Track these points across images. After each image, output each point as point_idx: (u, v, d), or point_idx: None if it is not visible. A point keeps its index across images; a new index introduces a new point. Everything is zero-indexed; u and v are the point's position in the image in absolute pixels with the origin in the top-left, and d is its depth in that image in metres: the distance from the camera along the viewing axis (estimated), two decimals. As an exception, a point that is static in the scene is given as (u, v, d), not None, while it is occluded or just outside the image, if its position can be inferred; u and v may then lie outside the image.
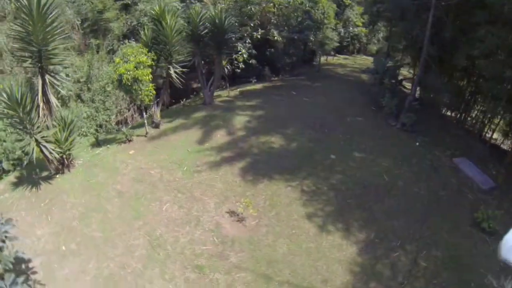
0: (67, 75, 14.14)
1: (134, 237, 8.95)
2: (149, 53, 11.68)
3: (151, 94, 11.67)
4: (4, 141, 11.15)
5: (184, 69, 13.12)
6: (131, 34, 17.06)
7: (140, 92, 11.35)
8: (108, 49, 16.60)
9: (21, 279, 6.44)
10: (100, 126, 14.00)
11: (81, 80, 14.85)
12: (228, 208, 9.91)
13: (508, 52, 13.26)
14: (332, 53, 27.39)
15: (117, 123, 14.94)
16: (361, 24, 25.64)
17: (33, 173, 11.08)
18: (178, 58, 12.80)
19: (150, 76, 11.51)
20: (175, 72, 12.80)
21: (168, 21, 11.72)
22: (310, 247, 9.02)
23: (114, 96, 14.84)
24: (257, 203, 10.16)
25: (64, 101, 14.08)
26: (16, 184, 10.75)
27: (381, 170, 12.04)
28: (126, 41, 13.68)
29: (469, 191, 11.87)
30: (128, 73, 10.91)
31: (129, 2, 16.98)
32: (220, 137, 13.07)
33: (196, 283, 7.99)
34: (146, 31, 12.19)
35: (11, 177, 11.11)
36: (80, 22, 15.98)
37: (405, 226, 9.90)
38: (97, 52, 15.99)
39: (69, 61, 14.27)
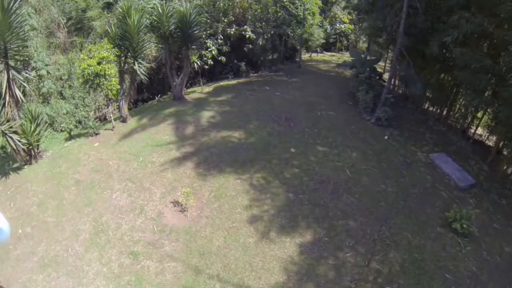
0: (48, 73, 14.96)
1: (82, 222, 9.42)
2: (113, 49, 12.10)
3: (114, 88, 12.08)
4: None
5: (150, 64, 13.44)
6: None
7: (103, 86, 11.78)
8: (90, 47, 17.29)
9: None
10: (80, 122, 14.60)
11: (63, 77, 15.57)
12: (172, 198, 10.10)
13: (485, 39, 12.59)
14: (319, 50, 26.88)
15: (96, 119, 15.52)
16: (347, 21, 25.02)
17: (6, 165, 11.86)
18: (144, 54, 13.13)
19: (113, 71, 11.92)
20: (141, 67, 13.12)
21: (133, 18, 12.06)
22: (249, 242, 8.89)
23: (93, 93, 15.44)
24: (202, 194, 10.27)
25: (45, 98, 14.86)
26: (-13, 175, 11.54)
27: (344, 165, 11.60)
28: (105, 39, 14.25)
29: (444, 188, 11.20)
30: (90, 68, 11.37)
31: (112, 1, 17.56)
32: (183, 131, 13.24)
33: (128, 268, 8.29)
34: (113, 27, 12.62)
35: (-16, 169, 11.93)
36: (65, 21, 16.76)
37: (362, 226, 9.42)
38: (81, 50, 16.71)
39: (48, 59, 14.98)
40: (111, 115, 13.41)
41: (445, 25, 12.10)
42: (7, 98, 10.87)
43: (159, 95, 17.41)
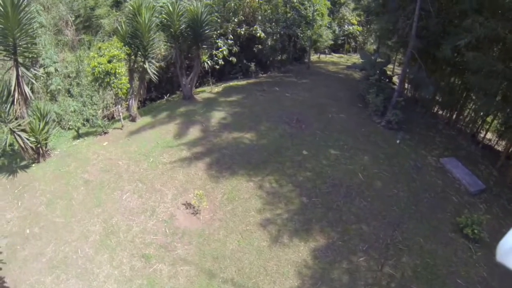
0: (56, 70, 14.79)
1: (92, 223, 9.24)
2: (124, 47, 11.94)
3: (124, 87, 11.92)
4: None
5: (159, 63, 13.29)
6: (121, 30, 17.55)
7: (113, 85, 11.61)
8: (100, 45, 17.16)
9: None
10: (87, 120, 14.45)
11: (71, 75, 15.41)
12: (184, 200, 9.94)
13: (497, 44, 12.49)
14: (327, 51, 26.76)
15: (104, 117, 15.36)
16: (356, 22, 24.89)
17: (13, 162, 11.69)
18: (155, 53, 12.98)
19: (124, 69, 11.76)
20: (151, 66, 12.97)
21: (143, 16, 11.91)
22: (263, 245, 8.74)
23: (102, 91, 15.28)
24: (215, 196, 10.12)
25: (53, 95, 14.69)
26: (-4, 172, 11.38)
27: (356, 168, 11.51)
28: (114, 37, 14.10)
29: (454, 193, 11.17)
30: (100, 66, 11.21)
31: (121, -1, 17.51)
32: (193, 132, 13.09)
33: (140, 271, 8.13)
34: (123, 26, 12.47)
35: (-7, 166, 11.77)
36: (73, 19, 16.62)
37: (375, 230, 9.31)
38: (89, 48, 16.56)
39: (57, 57, 14.83)
40: (120, 114, 13.20)
41: (458, 28, 12.00)
42: (16, 95, 10.72)
43: (167, 95, 17.26)
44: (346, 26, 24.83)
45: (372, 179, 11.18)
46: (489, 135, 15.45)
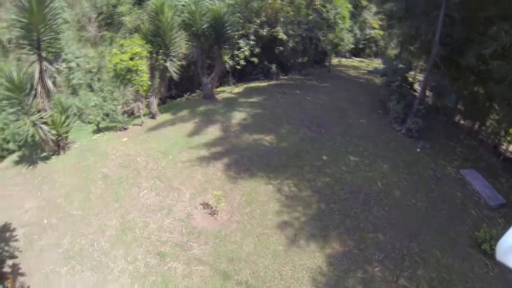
0: (78, 65, 14.99)
1: (109, 218, 9.29)
2: (146, 45, 12.00)
3: (145, 84, 11.97)
4: (7, 124, 11.96)
5: (180, 62, 13.31)
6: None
7: (134, 82, 11.67)
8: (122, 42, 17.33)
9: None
10: (107, 115, 14.56)
11: (93, 70, 15.59)
12: (202, 200, 9.89)
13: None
14: (347, 55, 26.48)
15: (124, 113, 15.48)
16: (377, 26, 24.51)
17: (34, 153, 11.86)
18: (176, 51, 13.01)
19: (145, 67, 11.81)
20: (173, 64, 13.00)
21: (166, 14, 11.95)
22: (279, 250, 8.64)
23: (122, 87, 15.41)
24: (233, 198, 10.05)
25: (74, 89, 14.89)
26: (17, 163, 11.60)
27: (375, 176, 11.35)
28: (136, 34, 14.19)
29: (473, 206, 10.86)
30: (122, 63, 11.28)
31: (143, -3, 17.62)
32: (213, 131, 13.08)
33: (154, 268, 8.12)
34: (145, 23, 12.54)
35: (15, 156, 12.00)
36: (96, 15, 16.84)
37: (391, 240, 9.12)
38: (110, 44, 16.75)
39: (79, 52, 15.02)
40: (140, 111, 13.29)
41: (483, 36, 11.67)
42: (39, 89, 10.87)
43: (188, 93, 17.34)
44: (367, 30, 24.51)
45: (391, 187, 11.00)
46: (511, 148, 15.01)
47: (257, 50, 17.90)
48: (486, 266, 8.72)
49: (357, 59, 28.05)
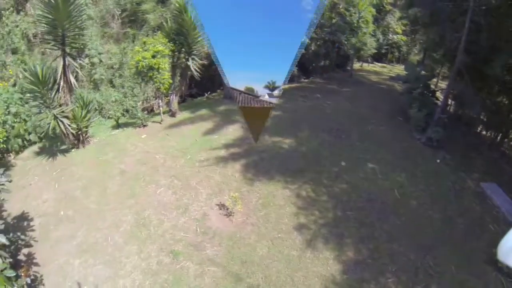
0: (100, 61, 15.22)
1: (124, 213, 9.34)
2: (168, 44, 12.08)
3: (166, 82, 12.04)
4: (30, 116, 12.20)
5: (202, 61, 13.34)
6: (166, 26, 17.79)
7: (155, 79, 11.76)
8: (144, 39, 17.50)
9: None
10: (127, 111, 14.73)
11: (114, 66, 15.80)
12: (219, 201, 9.86)
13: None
14: (369, 60, 26.08)
15: (143, 110, 15.63)
16: (401, 32, 24.04)
17: (54, 145, 12.09)
18: (199, 51, 13.03)
19: (167, 65, 11.88)
20: (194, 64, 13.04)
21: (189, 14, 11.98)
22: (292, 255, 8.53)
23: (143, 84, 15.56)
24: (249, 200, 9.99)
25: (96, 84, 15.13)
26: (38, 154, 11.86)
27: (393, 185, 11.11)
28: (159, 32, 14.30)
29: (492, 221, 10.42)
30: (144, 60, 11.37)
31: (167, -5, 17.71)
32: (232, 131, 13.08)
33: (167, 266, 8.09)
34: (168, 22, 12.61)
35: (35, 148, 12.26)
36: (119, 13, 17.06)
37: (406, 251, 8.87)
38: (133, 41, 16.95)
39: (102, 48, 15.24)
40: (160, 108, 13.40)
41: (510, 44, 11.28)
42: (62, 83, 11.10)
43: (208, 92, 17.39)
44: (390, 35, 24.10)
45: (408, 197, 10.75)
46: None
47: (277, 51, 17.70)
48: (502, 284, 8.35)
49: (379, 64, 27.67)
